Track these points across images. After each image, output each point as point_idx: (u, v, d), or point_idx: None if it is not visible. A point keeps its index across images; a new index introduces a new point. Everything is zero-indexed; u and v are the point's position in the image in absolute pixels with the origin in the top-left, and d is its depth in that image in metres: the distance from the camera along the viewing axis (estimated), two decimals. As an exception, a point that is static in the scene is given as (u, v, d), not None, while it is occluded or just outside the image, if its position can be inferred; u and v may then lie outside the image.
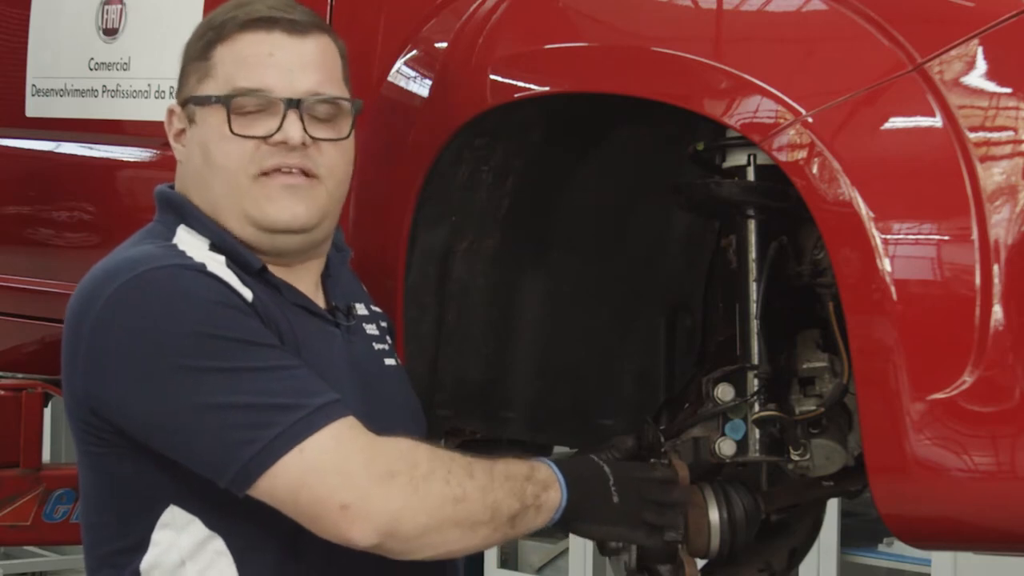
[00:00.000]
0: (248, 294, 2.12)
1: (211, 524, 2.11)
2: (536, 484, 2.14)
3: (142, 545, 2.13)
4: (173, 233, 2.19)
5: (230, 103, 2.17)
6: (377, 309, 2.39)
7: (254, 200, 2.17)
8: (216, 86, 2.20)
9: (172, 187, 2.28)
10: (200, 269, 2.10)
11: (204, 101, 2.20)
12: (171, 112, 2.27)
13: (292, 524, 2.06)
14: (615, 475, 2.22)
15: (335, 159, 2.22)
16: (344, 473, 2.02)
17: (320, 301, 2.26)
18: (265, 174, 2.17)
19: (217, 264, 2.13)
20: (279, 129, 2.16)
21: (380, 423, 2.11)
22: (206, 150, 2.20)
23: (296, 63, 2.20)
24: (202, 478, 2.06)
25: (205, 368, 2.03)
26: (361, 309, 2.34)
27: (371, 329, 2.34)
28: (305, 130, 2.17)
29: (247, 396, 2.03)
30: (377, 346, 2.33)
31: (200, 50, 2.23)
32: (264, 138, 2.17)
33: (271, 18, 2.20)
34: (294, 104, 2.17)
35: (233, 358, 2.04)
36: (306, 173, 2.19)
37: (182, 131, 2.25)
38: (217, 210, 2.19)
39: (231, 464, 2.02)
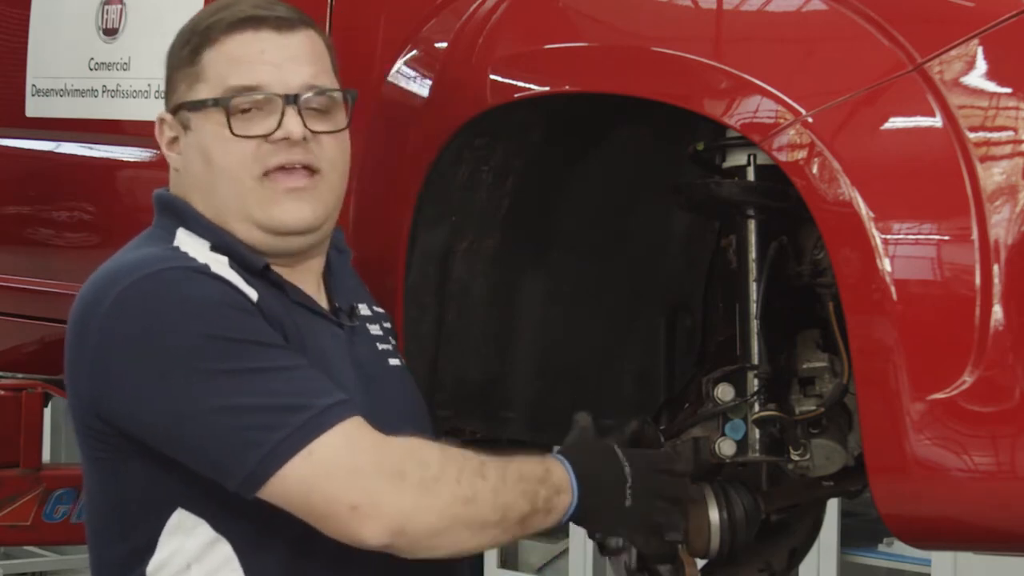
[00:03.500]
0: (253, 294, 2.11)
1: (218, 527, 2.10)
2: (549, 487, 2.12)
3: (149, 548, 2.12)
4: (173, 236, 2.18)
5: (228, 104, 2.16)
6: (380, 310, 2.39)
7: (259, 204, 2.17)
8: (209, 89, 2.19)
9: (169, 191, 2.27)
10: (204, 271, 2.09)
11: (199, 106, 2.19)
12: (162, 121, 2.25)
13: (299, 526, 2.05)
14: (634, 475, 2.19)
15: (335, 152, 2.22)
16: (354, 473, 2.02)
17: (323, 302, 2.26)
18: (267, 174, 2.17)
19: (220, 265, 2.12)
20: (279, 126, 2.16)
21: (384, 424, 2.11)
22: (206, 154, 2.19)
23: (287, 58, 2.19)
24: (209, 480, 2.05)
25: (212, 370, 2.02)
26: (364, 310, 2.33)
27: (375, 330, 2.33)
28: (304, 124, 2.17)
29: (255, 398, 2.02)
30: (381, 346, 2.32)
31: (187, 56, 2.21)
32: (265, 136, 2.16)
33: (258, 17, 2.19)
34: (291, 99, 2.17)
35: (240, 359, 2.03)
36: (309, 168, 2.18)
37: (175, 139, 2.24)
38: (222, 214, 2.18)
39: (239, 468, 2.01)
